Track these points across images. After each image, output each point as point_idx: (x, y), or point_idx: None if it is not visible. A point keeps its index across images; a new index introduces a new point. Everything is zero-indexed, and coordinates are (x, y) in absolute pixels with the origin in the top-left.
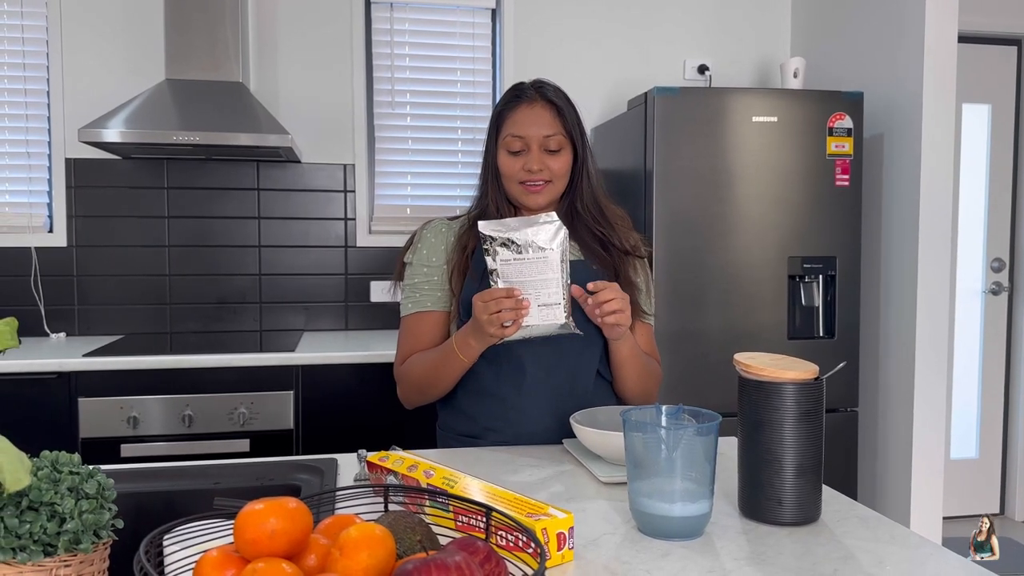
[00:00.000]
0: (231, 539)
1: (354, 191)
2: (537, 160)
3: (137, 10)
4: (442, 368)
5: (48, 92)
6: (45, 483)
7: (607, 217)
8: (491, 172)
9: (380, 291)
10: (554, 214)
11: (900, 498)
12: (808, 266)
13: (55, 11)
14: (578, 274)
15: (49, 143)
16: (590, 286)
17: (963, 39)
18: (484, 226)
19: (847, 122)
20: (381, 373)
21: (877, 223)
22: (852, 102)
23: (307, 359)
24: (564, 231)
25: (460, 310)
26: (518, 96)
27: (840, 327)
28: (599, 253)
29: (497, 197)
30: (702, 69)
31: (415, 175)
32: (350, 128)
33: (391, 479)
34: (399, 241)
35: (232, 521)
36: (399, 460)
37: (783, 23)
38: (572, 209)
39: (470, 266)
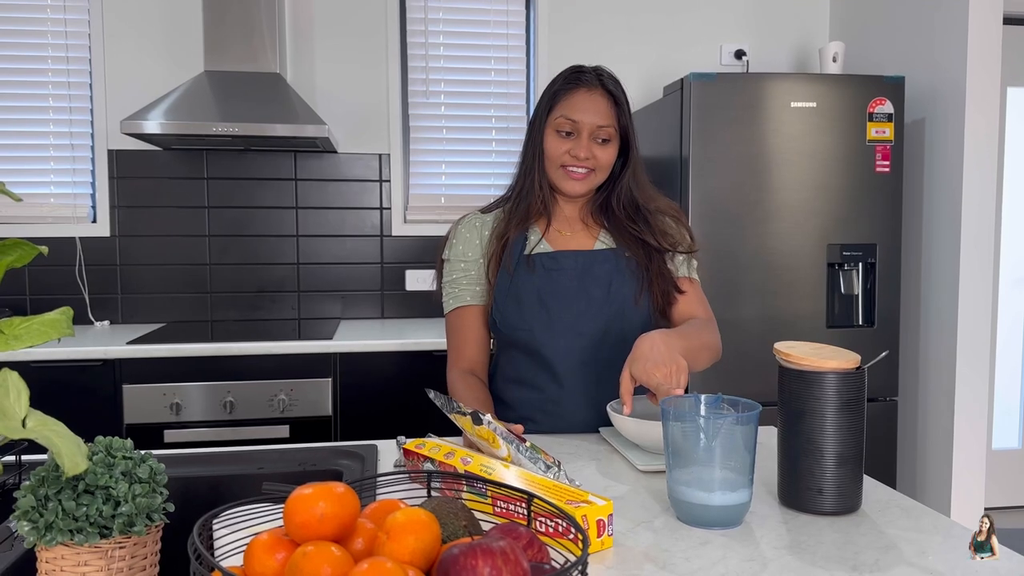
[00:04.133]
0: (278, 523)
1: (389, 181)
2: (585, 147)
3: (176, 3)
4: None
5: (91, 85)
6: (100, 467)
7: (643, 216)
8: (536, 152)
9: (415, 280)
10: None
11: (940, 488)
12: (848, 254)
13: (96, 5)
14: (607, 262)
15: (92, 135)
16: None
17: (1008, 20)
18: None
19: (888, 107)
20: (417, 360)
21: (918, 210)
22: (893, 86)
23: (345, 347)
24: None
25: (493, 300)
26: (577, 79)
27: (880, 315)
28: (632, 248)
29: (540, 178)
30: (739, 54)
31: (449, 164)
32: (385, 118)
33: (427, 466)
34: (434, 230)
35: (280, 505)
36: (435, 447)
37: (821, 6)
38: (608, 203)
39: (504, 258)
